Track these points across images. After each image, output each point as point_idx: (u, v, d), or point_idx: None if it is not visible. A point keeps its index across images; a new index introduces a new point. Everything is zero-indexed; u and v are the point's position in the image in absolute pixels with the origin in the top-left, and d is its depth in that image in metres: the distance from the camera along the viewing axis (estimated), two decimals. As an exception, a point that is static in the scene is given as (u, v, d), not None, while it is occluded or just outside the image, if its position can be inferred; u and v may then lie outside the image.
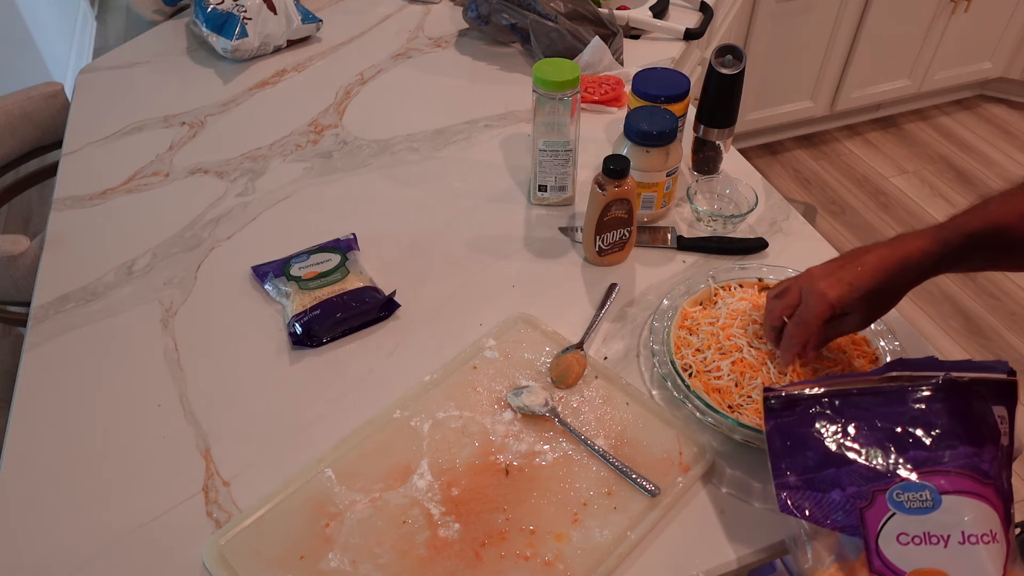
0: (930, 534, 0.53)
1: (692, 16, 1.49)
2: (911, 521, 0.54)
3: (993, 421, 0.57)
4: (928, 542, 0.53)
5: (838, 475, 0.58)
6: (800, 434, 0.61)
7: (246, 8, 1.39)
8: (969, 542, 0.53)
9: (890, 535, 0.54)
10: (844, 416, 0.60)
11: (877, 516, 0.55)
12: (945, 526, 0.54)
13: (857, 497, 0.57)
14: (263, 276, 0.94)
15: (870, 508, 0.56)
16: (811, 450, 0.60)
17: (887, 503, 0.55)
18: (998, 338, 2.05)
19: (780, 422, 0.62)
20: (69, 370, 0.86)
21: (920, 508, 0.54)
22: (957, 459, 0.55)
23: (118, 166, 1.17)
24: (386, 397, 0.81)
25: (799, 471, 0.60)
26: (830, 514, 0.58)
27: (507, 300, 0.93)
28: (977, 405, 0.58)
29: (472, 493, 0.72)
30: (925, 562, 0.53)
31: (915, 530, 0.54)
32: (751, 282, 0.90)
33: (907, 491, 0.55)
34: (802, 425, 0.61)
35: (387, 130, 1.23)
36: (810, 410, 0.62)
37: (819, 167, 2.64)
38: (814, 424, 0.61)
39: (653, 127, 0.94)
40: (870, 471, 0.57)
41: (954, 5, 2.45)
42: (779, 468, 0.61)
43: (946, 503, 0.54)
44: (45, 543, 0.70)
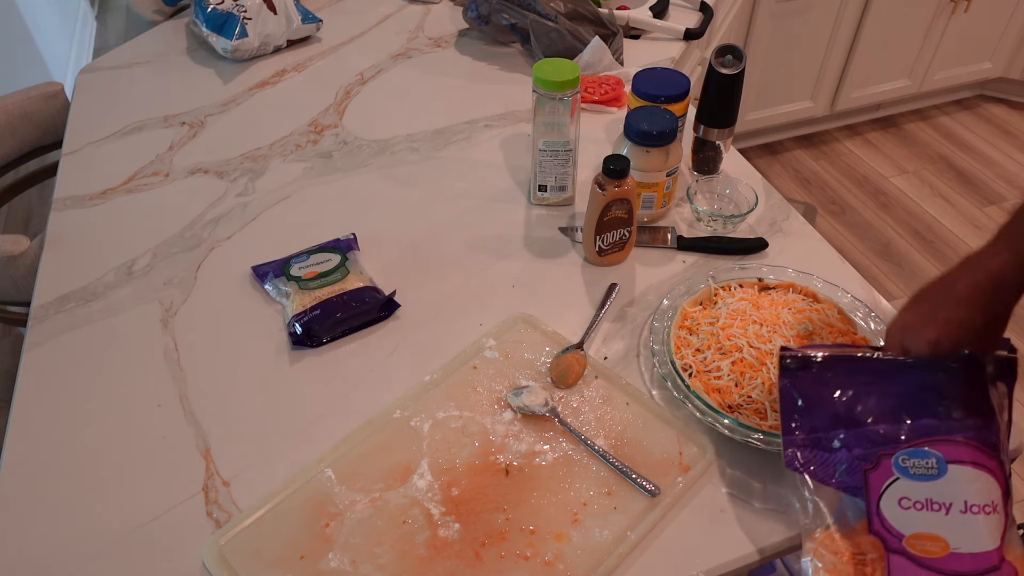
0: (932, 500, 0.54)
1: (692, 16, 1.49)
2: (915, 487, 0.54)
3: (998, 396, 0.58)
4: (930, 508, 0.54)
5: (846, 436, 0.59)
6: (812, 394, 0.62)
7: (246, 8, 1.39)
8: (971, 512, 0.53)
9: (892, 498, 0.55)
10: (857, 380, 0.61)
11: (881, 479, 0.56)
12: (948, 494, 0.54)
13: (863, 459, 0.57)
14: (263, 276, 0.94)
15: (875, 471, 0.56)
16: (821, 410, 0.61)
17: (892, 467, 0.55)
18: (998, 338, 2.04)
19: (794, 381, 0.63)
20: (69, 370, 0.86)
21: (925, 475, 0.54)
22: (966, 430, 0.56)
23: (118, 166, 1.17)
24: (386, 397, 0.81)
25: (807, 430, 0.61)
26: (834, 473, 0.59)
27: (507, 300, 0.93)
28: (983, 378, 0.58)
29: (472, 493, 0.72)
30: (925, 527, 0.54)
31: (918, 496, 0.55)
32: (751, 282, 0.90)
33: (913, 457, 0.55)
34: (815, 385, 0.62)
35: (387, 130, 1.23)
36: (825, 372, 0.62)
37: (819, 167, 2.64)
38: (827, 385, 0.61)
39: (653, 127, 0.94)
40: (878, 435, 0.57)
41: (954, 5, 2.45)
42: (788, 425, 0.62)
43: (951, 472, 0.54)
44: (45, 543, 0.70)
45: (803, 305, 0.86)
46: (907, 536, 0.55)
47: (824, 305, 0.87)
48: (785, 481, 0.73)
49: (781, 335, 0.82)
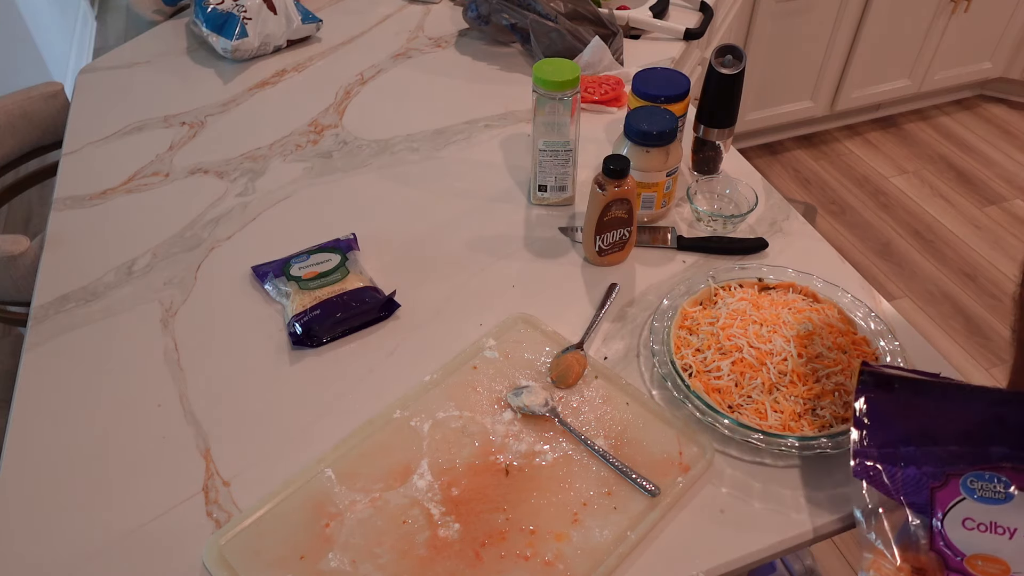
0: (997, 524, 0.55)
1: (692, 16, 1.49)
2: (980, 508, 0.55)
3: None
4: (994, 531, 0.55)
5: (916, 453, 0.60)
6: (886, 411, 0.63)
7: (246, 8, 1.39)
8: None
9: (956, 518, 0.56)
10: (931, 402, 0.62)
11: (947, 497, 0.56)
12: (1013, 520, 0.55)
13: (931, 476, 0.58)
14: (263, 276, 0.94)
15: (942, 489, 0.57)
16: (894, 426, 0.62)
17: (959, 487, 0.56)
18: (998, 338, 2.05)
19: (869, 396, 0.64)
20: (69, 370, 0.86)
21: (991, 498, 0.55)
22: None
23: (118, 166, 1.17)
24: (386, 397, 0.81)
25: (879, 444, 0.62)
26: (902, 488, 0.59)
27: (507, 300, 0.93)
28: None
29: (472, 493, 0.72)
30: (987, 549, 0.55)
31: (983, 518, 0.55)
32: (751, 282, 0.90)
33: (981, 480, 0.56)
34: (891, 402, 0.63)
35: (387, 130, 1.23)
36: (900, 391, 0.64)
37: (819, 167, 2.64)
38: (901, 404, 0.63)
39: (653, 127, 0.94)
40: (948, 454, 0.58)
41: (954, 5, 2.45)
42: (862, 436, 0.63)
43: (1018, 498, 0.55)
44: (45, 543, 0.70)
45: (803, 305, 0.86)
46: (968, 556, 0.55)
47: (824, 305, 0.87)
48: (786, 483, 0.73)
49: (781, 335, 0.82)
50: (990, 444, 0.58)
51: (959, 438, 0.59)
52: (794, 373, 0.78)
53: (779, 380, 0.78)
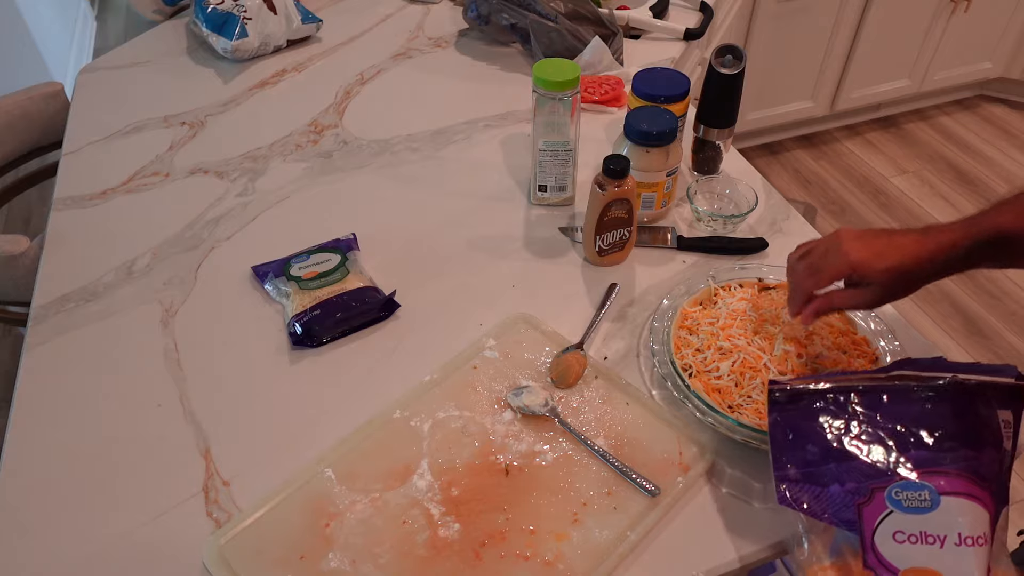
0: (927, 534, 0.54)
1: (692, 16, 1.49)
2: (908, 520, 0.54)
3: (996, 425, 0.57)
4: (924, 541, 0.54)
5: (838, 470, 0.58)
6: (803, 428, 0.61)
7: (246, 8, 1.39)
8: (965, 544, 0.53)
9: (886, 533, 0.55)
10: (847, 412, 0.60)
11: (875, 513, 0.55)
12: (942, 527, 0.54)
13: (856, 493, 0.57)
14: (263, 276, 0.94)
15: (868, 504, 0.56)
16: (813, 444, 0.60)
17: (885, 501, 0.55)
18: (998, 338, 2.05)
19: (784, 415, 0.63)
20: (69, 370, 0.86)
21: (918, 507, 0.54)
22: (957, 461, 0.56)
23: (118, 166, 1.17)
24: (386, 397, 0.81)
25: (800, 464, 0.60)
26: (828, 508, 0.58)
27: (507, 300, 0.93)
28: (982, 408, 0.58)
29: (472, 493, 0.72)
30: (920, 561, 0.54)
31: (912, 529, 0.54)
32: (751, 282, 0.90)
33: (906, 490, 0.55)
34: (805, 419, 0.61)
35: (387, 130, 1.23)
36: (814, 404, 0.62)
37: (819, 167, 2.64)
38: (817, 418, 0.61)
39: (653, 127, 0.94)
40: (870, 468, 0.57)
41: (954, 5, 2.45)
42: (780, 460, 0.61)
43: (944, 504, 0.54)
44: (45, 543, 0.70)
45: (803, 305, 0.86)
46: (902, 571, 0.54)
47: (824, 305, 0.87)
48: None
49: (781, 335, 0.82)
50: (910, 449, 0.57)
51: (878, 447, 0.58)
52: (794, 373, 0.78)
53: (779, 380, 0.78)
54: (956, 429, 0.57)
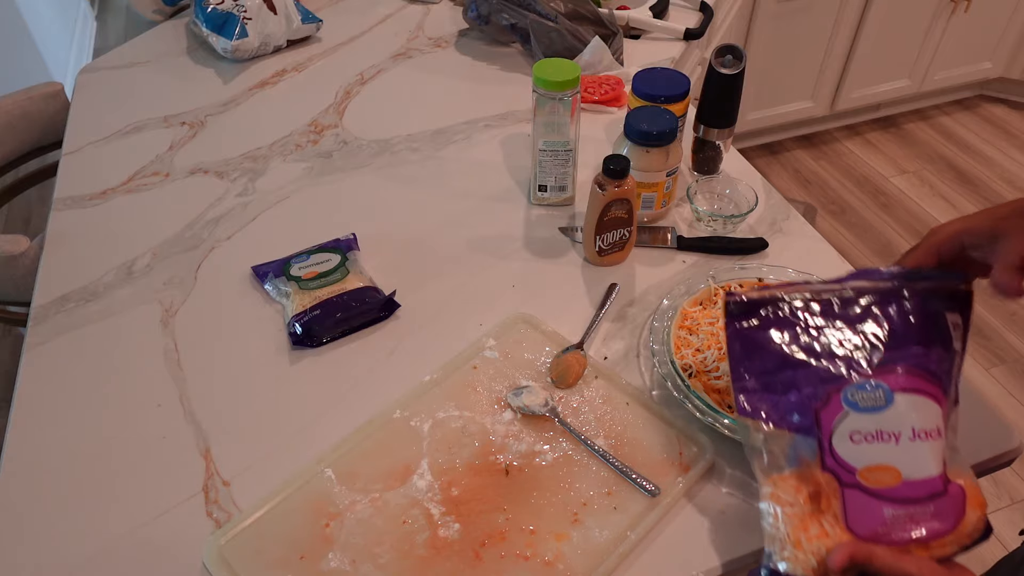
0: (882, 432, 0.54)
1: (692, 16, 1.49)
2: (864, 419, 0.55)
3: (945, 325, 0.58)
4: (880, 439, 0.54)
5: (795, 377, 0.59)
6: (759, 338, 0.61)
7: (246, 8, 1.39)
8: (919, 438, 0.54)
9: (843, 434, 0.55)
10: (801, 320, 0.60)
11: (831, 415, 0.56)
12: (896, 423, 0.55)
13: (812, 398, 0.57)
14: (263, 276, 0.94)
15: (825, 408, 0.56)
16: (769, 354, 0.60)
17: (841, 402, 0.55)
18: (998, 338, 2.05)
19: (740, 327, 0.62)
20: (69, 370, 0.86)
21: (873, 407, 0.54)
22: (908, 359, 0.56)
23: (118, 166, 1.17)
24: (386, 397, 0.81)
25: (758, 374, 0.61)
26: (787, 415, 0.58)
27: (507, 300, 0.93)
28: (930, 308, 0.58)
29: (472, 493, 0.72)
30: (877, 458, 0.54)
31: (868, 428, 0.55)
32: (751, 282, 0.90)
33: (861, 390, 0.55)
34: (761, 329, 0.61)
35: (387, 130, 1.23)
36: (769, 315, 0.61)
37: (819, 167, 2.64)
38: (772, 328, 0.61)
39: (653, 127, 0.94)
40: (826, 372, 0.57)
41: (954, 5, 2.45)
42: (738, 372, 0.61)
43: (897, 401, 0.54)
44: (45, 543, 0.70)
45: (803, 305, 0.86)
46: (860, 469, 0.55)
47: (824, 305, 0.87)
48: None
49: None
50: (861, 351, 0.58)
51: (833, 352, 0.58)
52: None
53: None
54: (906, 329, 0.57)
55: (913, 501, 0.54)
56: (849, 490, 0.55)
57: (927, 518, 0.54)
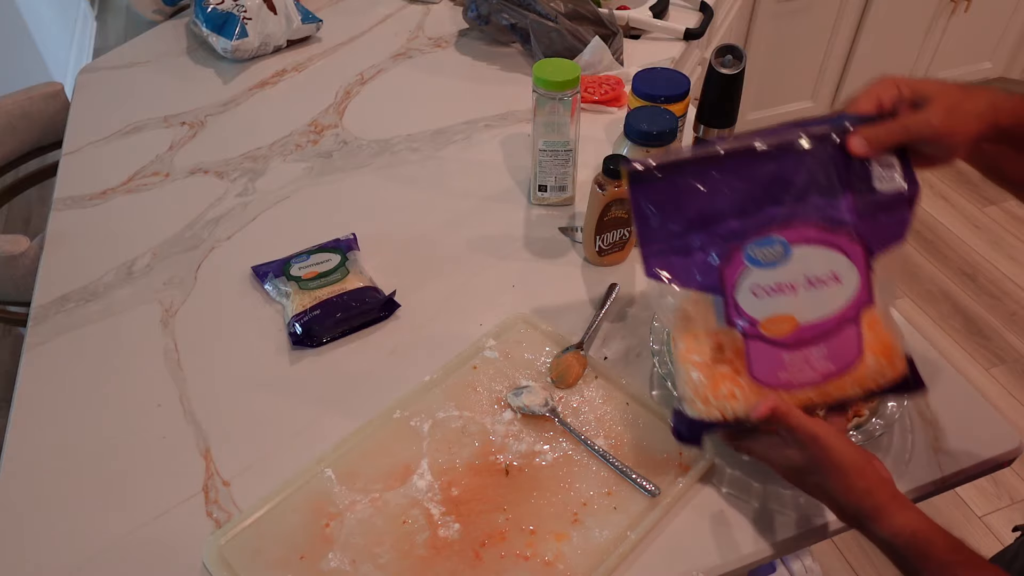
0: (781, 284, 0.57)
1: (692, 16, 1.49)
2: (764, 274, 0.57)
3: (862, 168, 0.58)
4: (780, 292, 0.57)
5: (700, 238, 0.60)
6: (663, 201, 0.61)
7: (246, 8, 1.39)
8: (814, 286, 0.56)
9: (745, 289, 0.57)
10: (706, 180, 0.61)
11: (734, 272, 0.58)
12: (793, 275, 0.57)
13: (717, 257, 0.59)
14: (263, 276, 0.94)
15: (728, 265, 0.58)
16: (676, 216, 0.61)
17: (743, 259, 0.57)
18: (998, 338, 2.05)
19: (645, 192, 0.62)
20: (69, 370, 0.86)
21: (772, 261, 0.56)
22: (807, 212, 0.58)
23: (118, 166, 1.17)
24: (386, 397, 0.81)
25: (665, 238, 0.61)
26: (693, 276, 0.60)
27: (507, 300, 0.93)
28: (839, 156, 0.59)
29: (472, 493, 0.72)
30: (776, 310, 0.57)
31: (767, 281, 0.57)
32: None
33: (760, 246, 0.57)
34: (665, 192, 0.61)
35: (387, 130, 1.23)
36: (673, 177, 0.62)
37: (819, 167, 2.64)
38: (677, 190, 0.61)
39: (653, 127, 0.94)
40: (729, 231, 0.59)
41: (954, 5, 2.45)
42: (645, 237, 0.61)
43: (796, 253, 0.56)
44: (45, 543, 0.70)
45: (803, 305, 0.86)
46: (762, 321, 0.57)
47: (824, 305, 0.87)
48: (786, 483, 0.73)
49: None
50: (764, 207, 0.58)
51: (736, 211, 0.59)
52: (794, 373, 0.78)
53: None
54: (808, 181, 0.58)
55: (807, 343, 0.58)
56: (752, 341, 0.58)
57: (821, 360, 0.58)
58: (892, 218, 0.58)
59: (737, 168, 0.60)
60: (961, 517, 1.68)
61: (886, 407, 0.76)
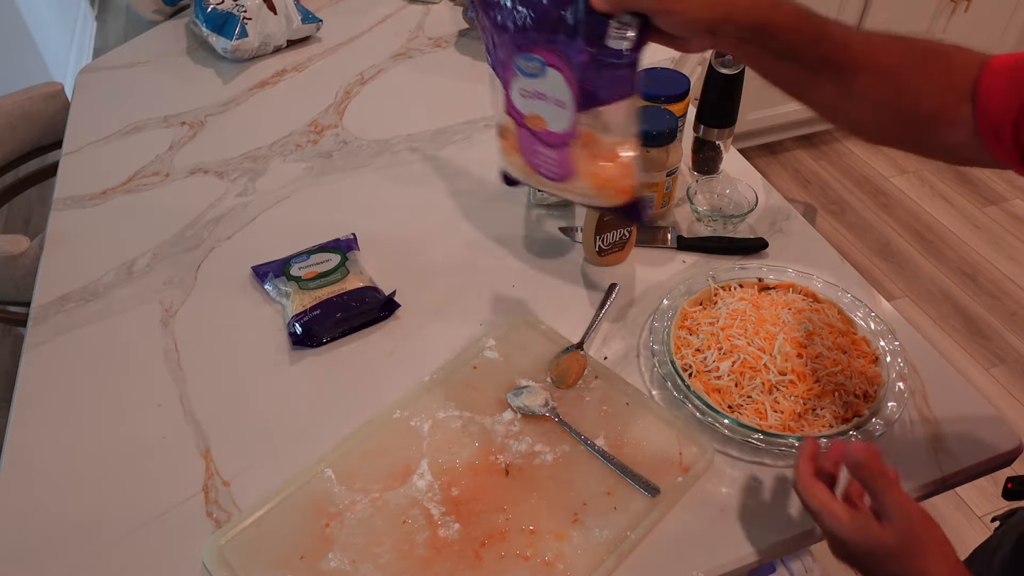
0: (538, 92, 0.71)
1: (692, 16, 1.49)
2: (528, 82, 0.71)
3: (601, 22, 0.66)
4: (537, 98, 0.72)
5: (498, 46, 0.74)
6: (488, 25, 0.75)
7: (246, 8, 1.39)
8: (554, 104, 0.70)
9: (516, 89, 0.73)
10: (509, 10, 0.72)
11: (509, 75, 0.73)
12: (546, 88, 0.70)
13: (503, 61, 0.74)
14: (263, 276, 0.94)
15: (506, 69, 0.73)
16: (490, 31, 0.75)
17: (514, 66, 0.72)
18: (998, 338, 2.05)
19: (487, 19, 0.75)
20: (69, 370, 0.86)
21: (532, 73, 0.71)
22: (558, 43, 0.69)
23: (118, 166, 1.17)
24: (386, 397, 0.81)
25: (492, 48, 0.76)
26: (496, 73, 0.76)
27: (507, 300, 0.93)
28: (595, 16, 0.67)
29: (472, 493, 0.72)
30: (533, 111, 0.72)
31: (530, 88, 0.72)
32: (751, 282, 0.90)
33: (526, 60, 0.70)
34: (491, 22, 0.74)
35: (387, 130, 1.23)
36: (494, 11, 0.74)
37: (819, 167, 2.64)
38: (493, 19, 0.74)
39: (653, 127, 0.94)
40: (510, 43, 0.72)
41: (954, 5, 2.45)
42: (488, 49, 0.77)
43: (549, 73, 0.70)
44: (45, 543, 0.70)
45: (803, 305, 0.86)
46: (526, 116, 0.73)
47: (824, 305, 0.87)
48: (786, 483, 0.73)
49: (781, 335, 0.82)
50: (540, 30, 0.69)
51: (518, 30, 0.71)
52: (794, 373, 0.78)
53: (779, 380, 0.78)
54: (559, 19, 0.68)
55: (548, 144, 0.74)
56: (521, 129, 0.75)
57: (551, 163, 0.74)
58: (617, 74, 0.68)
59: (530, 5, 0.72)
60: (961, 517, 1.68)
61: (886, 407, 0.76)
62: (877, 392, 0.78)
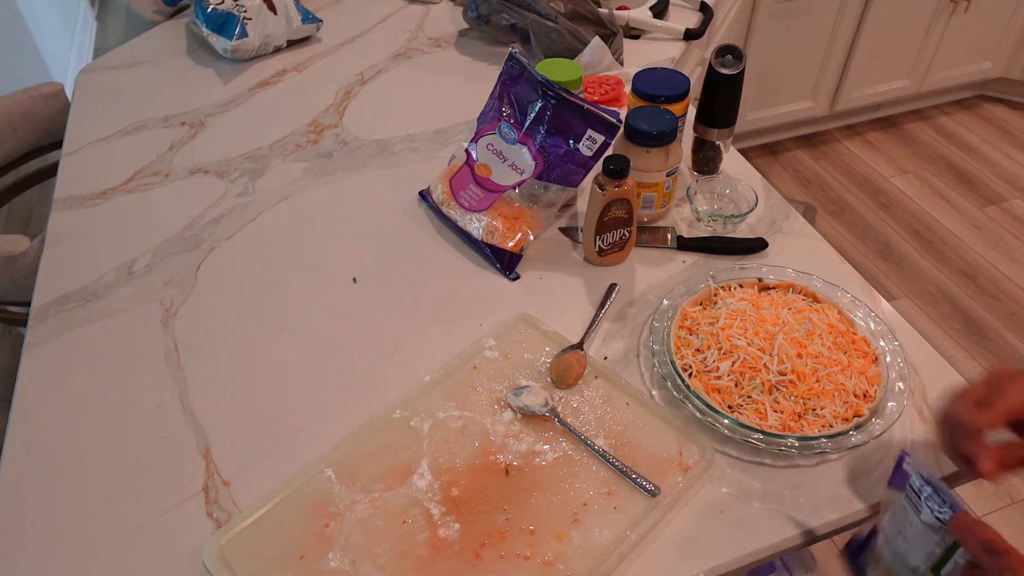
0: (500, 152, 0.96)
1: (692, 16, 1.49)
2: (499, 142, 0.96)
3: (569, 127, 0.93)
4: (496, 156, 0.97)
5: (491, 112, 1.00)
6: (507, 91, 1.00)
7: (246, 8, 1.39)
8: (510, 167, 0.95)
9: (484, 143, 0.98)
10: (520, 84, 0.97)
11: (488, 129, 0.97)
12: (508, 154, 0.96)
13: (490, 119, 0.99)
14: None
15: (487, 128, 0.98)
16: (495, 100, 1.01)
17: (496, 129, 0.96)
18: (998, 338, 2.05)
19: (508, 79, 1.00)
20: (69, 370, 0.86)
21: (507, 138, 0.96)
22: (536, 134, 0.94)
23: (118, 166, 1.17)
24: (386, 397, 0.81)
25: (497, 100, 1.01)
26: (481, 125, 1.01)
27: (507, 300, 0.93)
28: (572, 120, 0.93)
29: (472, 493, 0.72)
30: (488, 162, 0.97)
31: (497, 147, 0.97)
32: (751, 282, 0.90)
33: (507, 128, 0.95)
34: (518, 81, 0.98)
35: (387, 130, 1.23)
36: (526, 76, 0.97)
37: (819, 167, 2.64)
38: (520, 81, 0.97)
39: (653, 127, 0.94)
40: (500, 114, 0.98)
41: (954, 5, 2.45)
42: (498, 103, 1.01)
43: (517, 146, 0.94)
44: (45, 543, 0.70)
45: (803, 305, 0.86)
46: (478, 161, 0.98)
47: (824, 305, 0.87)
48: (786, 483, 0.73)
49: (781, 335, 0.82)
50: (520, 115, 0.96)
51: (512, 106, 0.97)
52: (794, 373, 0.78)
53: (779, 380, 0.78)
54: (552, 121, 0.93)
55: (481, 186, 0.97)
56: (465, 165, 0.99)
57: (476, 198, 0.97)
58: (570, 170, 0.94)
59: (534, 86, 0.95)
60: (961, 517, 1.68)
61: (886, 407, 0.76)
62: (877, 392, 0.78)
